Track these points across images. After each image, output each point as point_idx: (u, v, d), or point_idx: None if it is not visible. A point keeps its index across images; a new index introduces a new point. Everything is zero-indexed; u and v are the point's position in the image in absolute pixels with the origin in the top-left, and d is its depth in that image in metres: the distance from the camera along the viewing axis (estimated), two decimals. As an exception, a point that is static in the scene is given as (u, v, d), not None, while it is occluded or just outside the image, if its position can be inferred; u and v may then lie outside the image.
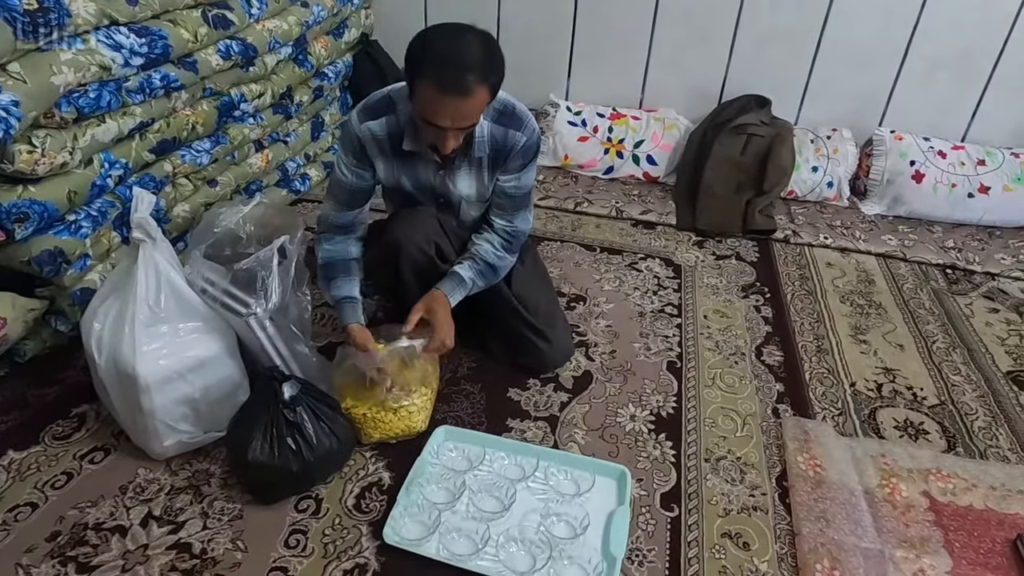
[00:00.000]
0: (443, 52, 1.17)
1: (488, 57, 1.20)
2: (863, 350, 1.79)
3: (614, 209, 2.43)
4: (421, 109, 1.23)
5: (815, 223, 2.40)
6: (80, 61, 1.41)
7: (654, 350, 1.73)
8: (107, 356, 1.22)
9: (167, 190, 1.79)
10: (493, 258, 1.49)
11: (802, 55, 2.57)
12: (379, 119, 1.37)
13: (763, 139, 2.43)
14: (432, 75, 1.17)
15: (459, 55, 1.17)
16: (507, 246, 1.51)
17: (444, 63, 1.16)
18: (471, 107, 1.21)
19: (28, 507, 1.22)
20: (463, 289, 1.46)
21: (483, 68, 1.19)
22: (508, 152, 1.41)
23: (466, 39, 1.19)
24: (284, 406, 1.20)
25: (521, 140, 1.40)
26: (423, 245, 1.44)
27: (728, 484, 1.35)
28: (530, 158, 1.45)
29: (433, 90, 1.18)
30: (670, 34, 2.64)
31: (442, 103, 1.19)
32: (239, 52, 1.88)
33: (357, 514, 1.24)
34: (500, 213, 1.49)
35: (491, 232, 1.51)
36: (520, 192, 1.47)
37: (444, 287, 1.44)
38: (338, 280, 1.45)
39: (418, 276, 1.48)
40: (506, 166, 1.43)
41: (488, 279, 1.50)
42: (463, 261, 1.48)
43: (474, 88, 1.18)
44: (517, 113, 1.41)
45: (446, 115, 1.21)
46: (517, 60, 2.88)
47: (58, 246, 1.45)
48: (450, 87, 1.17)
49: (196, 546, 1.17)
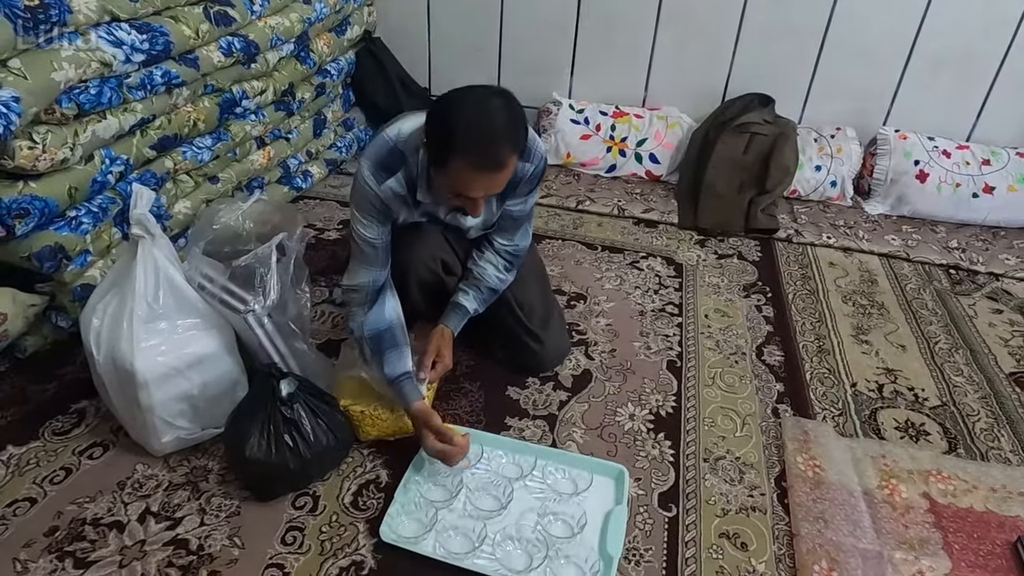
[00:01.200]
0: (473, 128, 1.10)
1: (515, 123, 1.15)
2: (865, 350, 1.78)
3: (616, 207, 2.42)
4: (453, 185, 1.17)
5: (818, 222, 2.39)
6: (81, 57, 1.41)
7: (654, 349, 1.72)
8: (105, 352, 1.23)
9: (168, 186, 1.80)
10: (496, 282, 1.49)
11: (806, 54, 2.55)
12: (395, 175, 1.28)
13: (766, 138, 2.41)
14: (465, 154, 1.11)
15: (490, 130, 1.11)
16: (509, 267, 1.51)
17: (477, 141, 1.11)
18: (504, 177, 1.18)
19: (27, 502, 1.23)
20: (467, 318, 1.48)
21: (514, 138, 1.14)
22: (518, 183, 1.37)
23: (492, 109, 1.12)
24: (281, 403, 1.20)
25: (530, 170, 1.36)
26: (430, 264, 1.45)
27: (727, 484, 1.35)
28: (537, 182, 1.42)
29: (468, 168, 1.13)
30: (673, 32, 2.63)
31: (477, 180, 1.15)
32: (241, 49, 1.89)
33: (354, 511, 1.25)
34: (503, 233, 1.48)
35: (493, 253, 1.49)
36: (523, 213, 1.46)
37: (451, 323, 1.46)
38: (389, 354, 1.31)
39: (425, 293, 1.49)
40: (514, 193, 1.40)
41: (489, 302, 1.51)
42: (468, 290, 1.48)
43: (507, 160, 1.14)
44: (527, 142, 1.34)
45: (479, 189, 1.17)
46: (520, 58, 2.90)
47: (58, 242, 1.45)
48: (485, 165, 1.13)
49: (193, 542, 1.17)
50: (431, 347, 1.42)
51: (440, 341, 1.44)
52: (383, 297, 1.36)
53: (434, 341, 1.43)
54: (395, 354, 1.31)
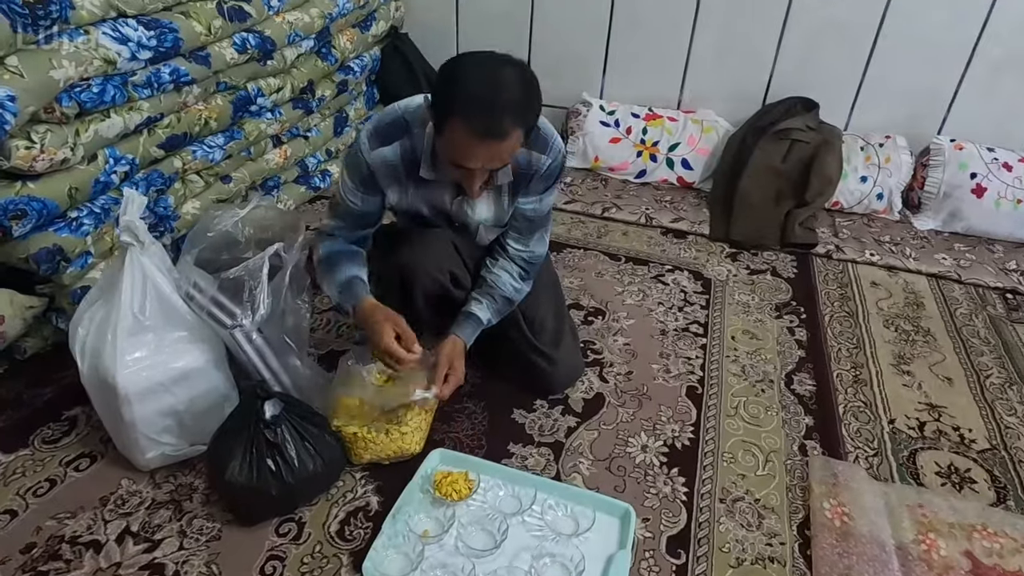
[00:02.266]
0: (477, 91, 1.05)
1: (525, 95, 1.08)
2: (906, 382, 1.64)
3: (644, 215, 2.31)
4: (450, 151, 1.12)
5: (861, 238, 2.23)
6: (82, 55, 1.37)
7: (674, 373, 1.61)
8: (89, 364, 1.18)
9: (176, 186, 1.76)
10: (510, 291, 1.40)
11: (856, 55, 2.39)
12: (392, 144, 1.24)
13: (808, 145, 2.27)
14: (464, 116, 1.05)
15: (495, 95, 1.05)
16: (524, 275, 1.42)
17: (478, 104, 1.05)
18: (505, 150, 1.10)
19: (7, 515, 1.19)
20: (480, 329, 1.39)
21: (520, 109, 1.07)
22: (532, 176, 1.30)
23: (502, 75, 1.06)
24: (265, 425, 1.13)
25: (546, 163, 1.29)
26: (436, 274, 1.35)
27: (743, 529, 1.24)
28: (553, 181, 1.34)
29: (465, 132, 1.06)
30: (712, 31, 2.49)
31: (474, 147, 1.08)
32: (256, 45, 1.83)
33: (339, 542, 1.18)
34: (516, 237, 1.40)
35: (507, 260, 1.41)
36: (538, 215, 1.37)
37: (464, 334, 1.36)
38: (342, 265, 1.32)
39: (430, 303, 1.41)
40: (528, 189, 1.33)
41: (503, 313, 1.42)
42: (481, 299, 1.39)
43: (510, 131, 1.07)
44: (542, 134, 1.27)
45: (477, 158, 1.10)
46: (550, 56, 2.80)
47: (57, 244, 1.42)
48: (484, 131, 1.06)
49: (169, 568, 1.12)
50: (442, 359, 1.31)
51: (452, 353, 1.33)
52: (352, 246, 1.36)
53: (445, 353, 1.33)
54: (350, 264, 1.32)
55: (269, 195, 2.15)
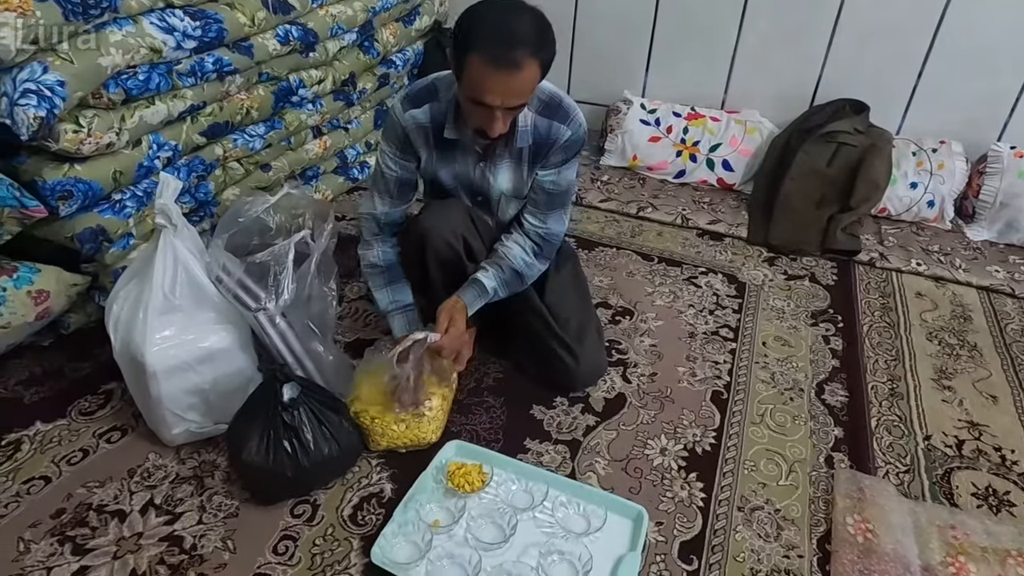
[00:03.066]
0: (494, 25, 1.12)
1: (540, 32, 1.14)
2: (946, 398, 1.57)
3: (680, 216, 2.27)
4: (470, 87, 1.16)
5: (908, 246, 2.14)
6: (129, 43, 1.42)
7: (699, 376, 1.58)
8: (122, 340, 1.23)
9: (217, 173, 1.81)
10: (521, 264, 1.40)
11: (911, 56, 2.29)
12: (422, 107, 1.32)
13: (855, 149, 2.19)
14: (482, 49, 1.11)
15: (510, 28, 1.11)
16: (538, 251, 1.42)
17: (495, 36, 1.11)
18: (521, 83, 1.15)
19: (42, 480, 1.25)
20: (484, 298, 1.39)
21: (535, 42, 1.13)
22: (551, 145, 1.34)
23: (517, 13, 1.13)
24: (283, 408, 1.16)
25: (565, 134, 1.32)
26: (450, 239, 1.37)
27: (760, 539, 1.21)
28: (572, 154, 1.36)
29: (483, 64, 1.12)
30: (760, 29, 2.43)
31: (492, 79, 1.13)
32: (298, 37, 1.87)
33: (351, 526, 1.19)
34: (533, 211, 1.41)
35: (522, 234, 1.42)
36: (557, 189, 1.38)
37: (466, 296, 1.37)
38: (398, 285, 1.47)
39: (444, 271, 1.42)
40: (547, 160, 1.35)
41: (512, 288, 1.42)
42: (488, 267, 1.40)
43: (525, 62, 1.12)
44: (563, 105, 1.33)
45: (496, 92, 1.14)
46: (592, 53, 2.77)
47: (101, 224, 1.48)
48: (501, 61, 1.11)
49: (188, 540, 1.15)
50: (443, 313, 1.34)
51: (453, 308, 1.35)
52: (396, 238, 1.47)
53: (446, 307, 1.35)
54: (403, 286, 1.46)
55: (308, 185, 2.19)
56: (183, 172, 1.68)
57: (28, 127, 1.26)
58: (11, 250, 1.42)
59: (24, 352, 1.53)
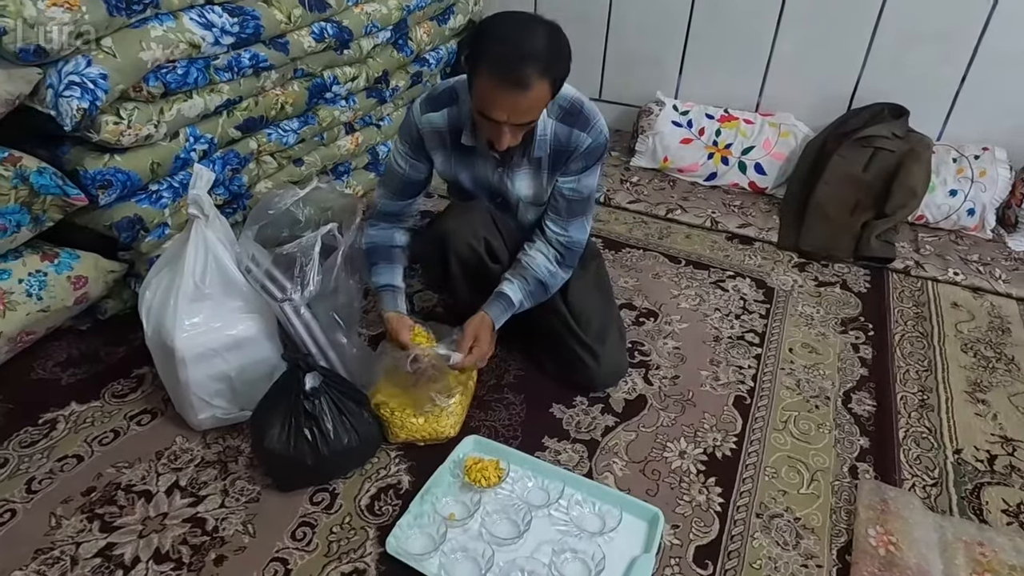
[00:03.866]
0: (505, 41, 1.10)
1: (552, 49, 1.12)
2: (979, 411, 1.52)
3: (709, 219, 2.24)
4: (477, 101, 1.17)
5: (945, 255, 2.08)
6: (169, 38, 1.46)
7: (723, 381, 1.56)
8: (153, 326, 1.27)
9: (251, 167, 1.85)
10: (545, 273, 1.41)
11: (954, 60, 2.23)
12: (441, 111, 1.33)
13: (892, 155, 2.13)
14: (489, 65, 1.10)
15: (520, 45, 1.09)
16: (561, 260, 1.42)
17: (503, 53, 1.09)
18: (530, 102, 1.13)
19: (75, 459, 1.30)
20: (510, 311, 1.40)
21: (545, 60, 1.10)
22: (571, 153, 1.32)
23: (529, 29, 1.11)
24: (304, 397, 1.18)
25: (585, 142, 1.30)
26: (472, 241, 1.38)
27: (779, 547, 1.19)
28: (593, 161, 1.34)
29: (490, 82, 1.11)
30: (798, 30, 2.38)
31: (499, 96, 1.12)
32: (333, 35, 1.90)
33: (368, 515, 1.21)
34: (555, 218, 1.40)
35: (544, 243, 1.41)
36: (578, 197, 1.37)
37: (492, 311, 1.38)
38: (379, 266, 1.45)
39: (466, 273, 1.43)
40: (566, 167, 1.34)
41: (537, 298, 1.42)
42: (513, 279, 1.40)
43: (533, 82, 1.10)
44: (584, 112, 1.31)
45: (502, 109, 1.14)
46: (626, 54, 2.76)
47: (138, 214, 1.53)
48: (508, 79, 1.09)
49: (210, 522, 1.18)
50: (468, 332, 1.35)
51: (479, 328, 1.36)
52: (395, 227, 1.48)
53: (472, 326, 1.36)
54: (386, 267, 1.44)
55: (339, 180, 2.23)
56: (218, 165, 1.72)
57: (72, 118, 1.31)
58: (53, 236, 1.48)
59: (63, 335, 1.59)
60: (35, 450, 1.31)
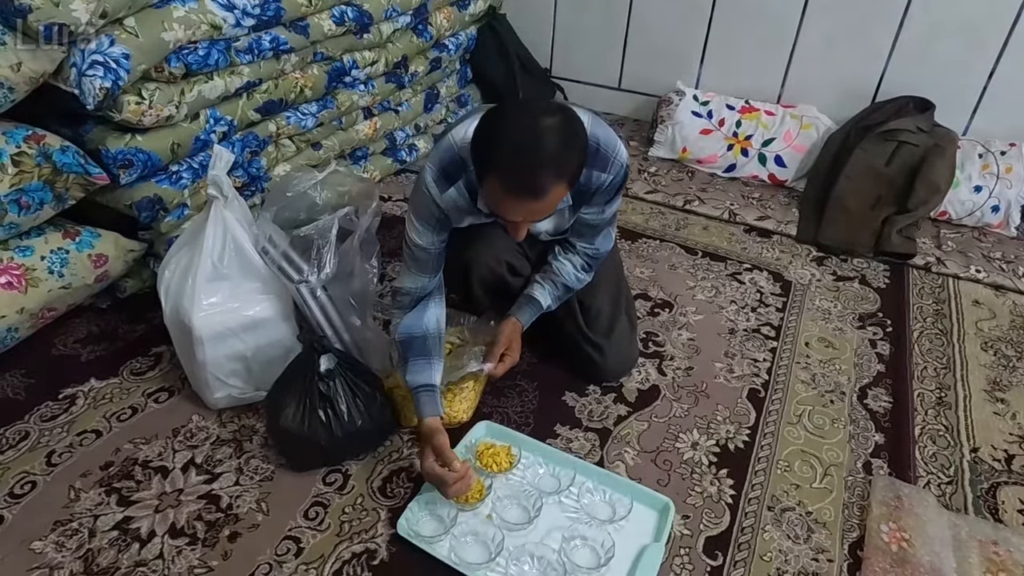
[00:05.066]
0: (513, 147, 0.98)
1: (565, 148, 0.99)
2: (998, 410, 1.50)
3: (727, 211, 2.22)
4: (490, 204, 1.09)
5: (968, 252, 2.05)
6: (192, 19, 1.47)
7: (737, 373, 1.56)
8: (171, 305, 1.28)
9: (269, 149, 1.86)
10: (572, 280, 1.41)
11: (982, 54, 2.18)
12: (455, 183, 1.19)
13: (916, 148, 2.10)
14: (500, 173, 1.00)
15: (532, 151, 0.97)
16: (587, 267, 1.42)
17: (513, 160, 0.98)
18: (545, 206, 1.03)
19: (93, 434, 1.32)
20: (539, 314, 1.41)
21: (559, 164, 0.99)
22: (592, 193, 1.24)
23: (540, 128, 0.97)
24: (319, 378, 1.19)
25: (607, 180, 1.21)
26: (493, 265, 1.39)
27: (789, 540, 1.18)
28: (614, 194, 1.27)
29: (502, 190, 1.01)
30: (823, 21, 2.35)
31: (512, 204, 1.03)
32: (353, 19, 1.90)
33: (380, 497, 1.22)
34: (581, 238, 1.39)
35: (573, 253, 1.41)
36: (602, 222, 1.34)
37: (523, 317, 1.40)
38: (417, 363, 1.24)
39: (488, 292, 1.45)
40: (590, 203, 1.28)
41: (563, 300, 1.44)
42: (543, 284, 1.41)
43: (548, 188, 1.00)
44: (601, 151, 1.17)
45: (517, 213, 1.06)
46: (647, 43, 2.74)
47: (157, 194, 1.54)
48: (521, 189, 1.00)
49: (224, 500, 1.20)
50: (501, 339, 1.36)
51: (512, 334, 1.38)
52: (427, 303, 1.30)
53: (505, 333, 1.37)
54: (422, 363, 1.23)
55: (356, 165, 2.23)
56: (237, 147, 1.73)
57: (94, 97, 1.32)
58: (75, 215, 1.50)
59: (83, 313, 1.61)
60: (55, 424, 1.33)
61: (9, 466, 1.24)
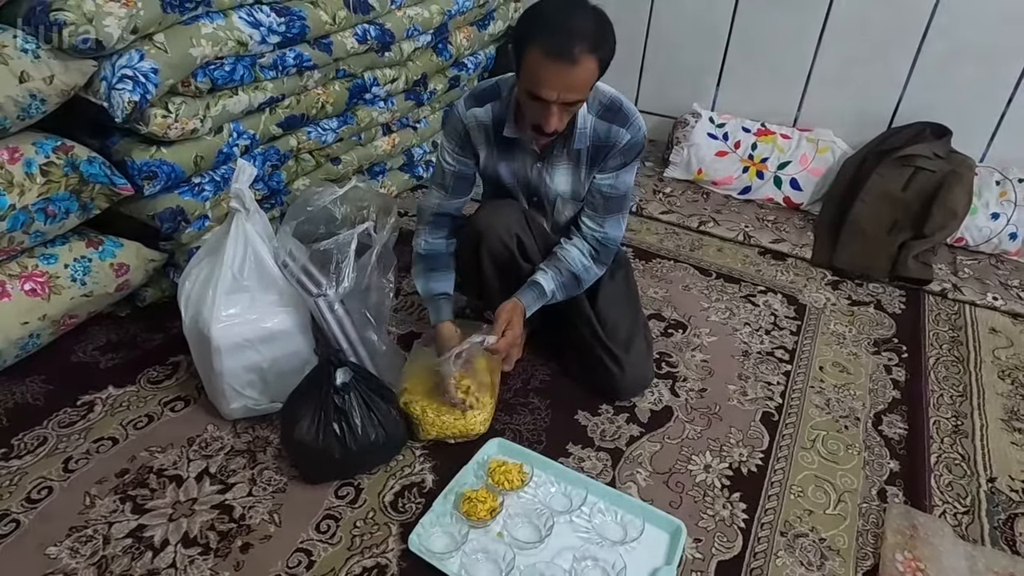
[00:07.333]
0: (553, 19, 1.14)
1: (600, 30, 1.15)
2: (1016, 440, 1.49)
3: (742, 233, 2.23)
4: (527, 79, 1.18)
5: (985, 279, 2.04)
6: (219, 36, 1.50)
7: (750, 396, 1.55)
8: (191, 315, 1.30)
9: (290, 164, 1.88)
10: (579, 267, 1.41)
11: (1001, 81, 2.19)
12: (484, 105, 1.36)
13: (933, 175, 2.10)
14: (540, 41, 1.13)
15: (570, 23, 1.13)
16: (595, 255, 1.43)
17: (553, 30, 1.13)
18: (578, 78, 1.16)
19: (110, 441, 1.33)
20: (542, 300, 1.41)
21: (593, 38, 1.14)
22: (609, 149, 1.34)
23: (579, 10, 1.15)
24: (335, 391, 1.20)
25: (624, 138, 1.33)
26: (505, 238, 1.40)
27: (802, 567, 1.17)
28: (631, 158, 1.37)
29: (540, 56, 1.13)
30: (840, 45, 2.36)
31: (548, 72, 1.14)
32: (376, 37, 1.93)
33: (392, 512, 1.22)
34: (591, 215, 1.41)
35: (579, 238, 1.43)
36: (615, 193, 1.39)
37: (524, 298, 1.39)
38: (439, 273, 1.48)
39: (498, 270, 1.44)
40: (604, 164, 1.36)
41: (570, 291, 1.43)
42: (547, 269, 1.41)
43: (582, 57, 1.13)
44: (623, 110, 1.34)
45: (552, 85, 1.15)
46: (664, 66, 2.77)
47: (180, 205, 1.57)
48: (558, 54, 1.12)
49: (237, 510, 1.21)
50: (502, 315, 1.37)
51: (512, 312, 1.38)
52: (448, 231, 1.49)
53: (505, 311, 1.37)
54: (444, 274, 1.47)
55: (374, 180, 2.26)
56: (259, 161, 1.75)
57: (123, 110, 1.35)
58: (99, 224, 1.53)
59: (102, 321, 1.63)
60: (73, 430, 1.35)
61: (27, 471, 1.26)
